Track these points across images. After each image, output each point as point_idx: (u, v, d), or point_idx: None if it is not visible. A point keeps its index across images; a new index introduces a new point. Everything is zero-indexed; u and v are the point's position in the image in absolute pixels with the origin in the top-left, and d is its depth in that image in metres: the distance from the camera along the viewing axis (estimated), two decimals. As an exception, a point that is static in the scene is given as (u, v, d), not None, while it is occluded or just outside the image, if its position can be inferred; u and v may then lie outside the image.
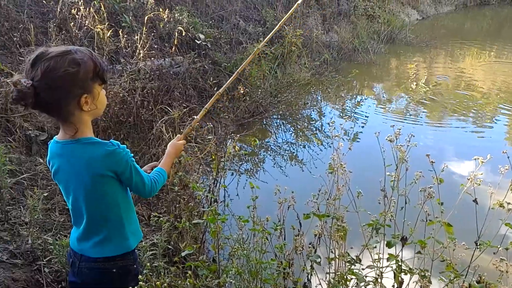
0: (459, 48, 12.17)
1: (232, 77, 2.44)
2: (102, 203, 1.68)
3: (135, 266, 1.82)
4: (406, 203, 2.19)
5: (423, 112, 7.39)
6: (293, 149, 5.90)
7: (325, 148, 5.77)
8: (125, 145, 1.67)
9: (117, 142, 1.64)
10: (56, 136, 1.66)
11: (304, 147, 5.91)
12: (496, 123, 6.87)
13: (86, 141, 1.61)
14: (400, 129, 2.25)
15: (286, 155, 5.66)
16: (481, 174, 2.13)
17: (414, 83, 8.60)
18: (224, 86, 2.41)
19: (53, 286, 2.49)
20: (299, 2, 2.70)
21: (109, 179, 1.63)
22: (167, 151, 2.03)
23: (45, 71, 1.46)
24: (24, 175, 3.34)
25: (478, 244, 2.13)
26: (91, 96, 1.57)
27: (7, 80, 3.77)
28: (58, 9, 5.76)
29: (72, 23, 5.57)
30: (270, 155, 5.68)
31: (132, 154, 1.69)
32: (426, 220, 2.16)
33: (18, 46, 4.96)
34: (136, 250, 1.86)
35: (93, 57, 1.57)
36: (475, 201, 2.14)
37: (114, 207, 1.71)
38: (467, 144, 6.10)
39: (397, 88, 8.84)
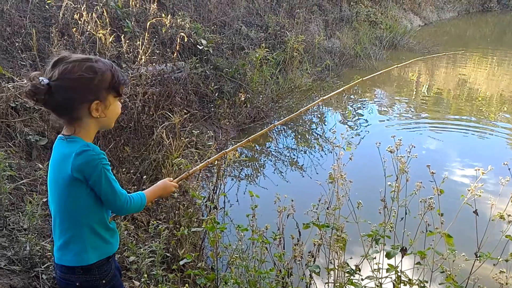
0: (461, 54, 12.17)
1: (257, 134, 2.41)
2: (66, 205, 1.62)
3: (103, 281, 1.70)
4: (406, 213, 2.18)
5: (425, 118, 7.38)
6: (294, 154, 5.89)
7: (325, 154, 5.76)
8: (103, 152, 1.61)
9: (94, 146, 1.60)
10: None
11: (305, 152, 5.90)
12: (497, 130, 6.85)
13: (71, 139, 1.60)
14: (400, 140, 2.25)
15: (286, 161, 5.65)
16: (482, 185, 2.12)
17: (416, 90, 8.58)
18: (232, 148, 2.32)
19: (50, 293, 2.48)
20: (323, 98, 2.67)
21: (76, 182, 1.56)
22: (156, 184, 1.94)
23: (62, 72, 1.52)
24: (24, 181, 3.33)
25: (478, 255, 2.11)
26: (104, 104, 1.61)
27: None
28: (61, 15, 5.78)
29: (75, 28, 5.57)
30: (271, 161, 5.67)
31: (109, 163, 1.62)
32: (426, 231, 2.15)
33: (20, 51, 4.96)
34: (110, 263, 1.74)
35: (112, 69, 1.62)
36: (475, 212, 2.13)
37: (77, 214, 1.62)
38: (469, 151, 6.07)
39: (399, 94, 8.85)
